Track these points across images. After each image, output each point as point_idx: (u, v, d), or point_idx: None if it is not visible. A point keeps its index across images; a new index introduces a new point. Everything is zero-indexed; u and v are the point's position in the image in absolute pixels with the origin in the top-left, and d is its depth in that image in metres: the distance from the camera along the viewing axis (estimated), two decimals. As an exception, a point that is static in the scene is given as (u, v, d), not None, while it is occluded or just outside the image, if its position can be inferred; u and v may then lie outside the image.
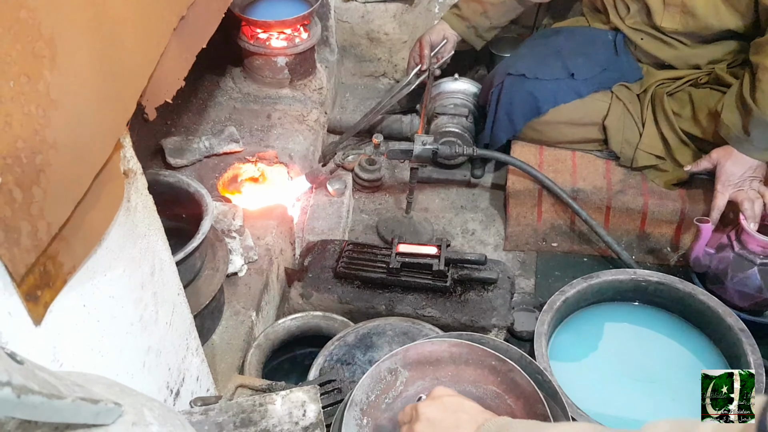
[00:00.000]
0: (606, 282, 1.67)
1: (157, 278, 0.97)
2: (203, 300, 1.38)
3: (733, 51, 1.90)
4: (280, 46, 2.20)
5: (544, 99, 1.94)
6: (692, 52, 1.93)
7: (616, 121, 1.94)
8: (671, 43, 1.95)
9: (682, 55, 1.95)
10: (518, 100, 1.96)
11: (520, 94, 1.96)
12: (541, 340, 1.52)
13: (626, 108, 1.94)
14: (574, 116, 1.96)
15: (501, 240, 2.09)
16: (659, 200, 1.91)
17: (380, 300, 1.66)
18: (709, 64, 1.92)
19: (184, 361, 1.10)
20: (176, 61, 0.97)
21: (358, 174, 2.20)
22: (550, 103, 1.95)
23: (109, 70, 0.74)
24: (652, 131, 1.92)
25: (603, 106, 1.95)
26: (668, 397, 1.54)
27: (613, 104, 1.95)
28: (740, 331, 1.53)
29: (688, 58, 1.95)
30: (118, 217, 0.82)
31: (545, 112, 1.96)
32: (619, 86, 1.97)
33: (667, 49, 1.96)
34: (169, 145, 1.97)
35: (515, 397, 1.05)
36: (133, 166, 0.86)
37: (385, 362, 1.08)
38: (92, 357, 0.82)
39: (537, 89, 1.94)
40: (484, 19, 2.16)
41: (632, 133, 1.94)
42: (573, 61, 1.97)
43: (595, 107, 1.96)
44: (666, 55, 1.97)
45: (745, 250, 1.70)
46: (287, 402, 0.99)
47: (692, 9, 1.84)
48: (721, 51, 1.91)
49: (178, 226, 1.43)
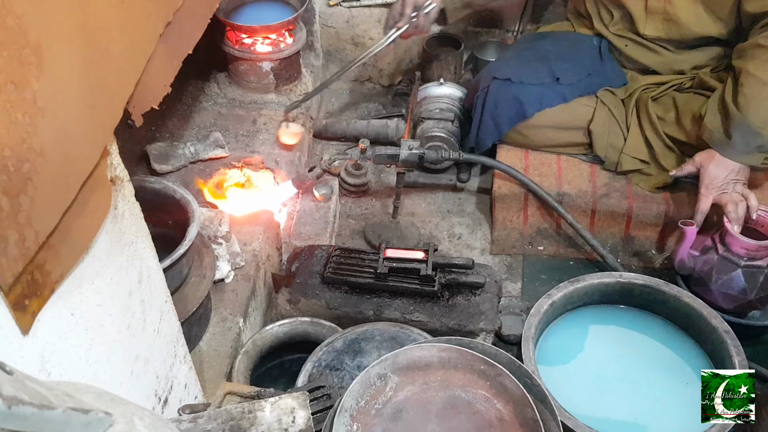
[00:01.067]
0: (592, 285, 1.68)
1: (145, 285, 0.96)
2: (190, 307, 1.38)
3: (716, 56, 1.92)
4: (265, 51, 2.20)
5: (529, 103, 1.95)
6: (676, 57, 1.95)
7: (601, 125, 1.96)
8: (655, 49, 1.97)
9: (665, 61, 1.97)
10: (504, 104, 1.97)
11: (506, 99, 1.97)
12: (528, 343, 1.52)
13: (611, 113, 1.96)
14: (559, 120, 1.97)
15: (487, 244, 2.10)
16: (644, 203, 1.93)
17: (368, 305, 1.66)
18: (693, 70, 1.94)
19: (172, 369, 1.09)
20: (163, 67, 0.97)
21: (345, 179, 2.20)
22: (535, 108, 1.96)
23: (96, 77, 0.74)
24: (636, 136, 1.94)
25: (588, 110, 1.97)
26: (655, 398, 1.55)
27: (598, 109, 1.96)
28: (725, 332, 1.54)
29: (671, 64, 1.97)
30: (105, 225, 0.81)
31: (530, 117, 1.97)
32: (604, 91, 1.99)
33: (650, 55, 1.98)
34: (154, 151, 1.96)
35: (505, 401, 1.05)
36: (120, 173, 0.86)
37: (374, 368, 1.08)
38: (80, 366, 0.81)
39: (522, 93, 1.95)
40: None
41: (617, 138, 1.95)
42: (558, 66, 1.98)
43: (580, 112, 1.97)
44: (650, 61, 1.99)
45: (729, 252, 1.71)
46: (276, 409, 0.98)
47: (674, 17, 1.87)
48: (704, 56, 1.93)
49: (165, 232, 1.42)
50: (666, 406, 1.53)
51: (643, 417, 1.53)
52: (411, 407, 1.08)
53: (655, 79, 1.98)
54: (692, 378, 1.58)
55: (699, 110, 1.79)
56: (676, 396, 1.55)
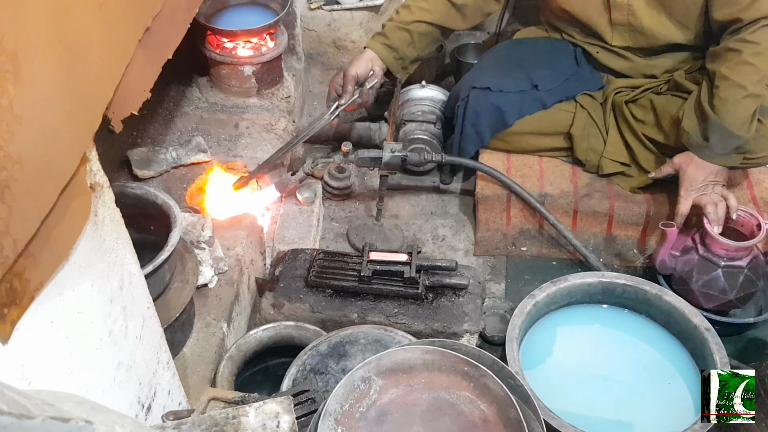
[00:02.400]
0: (575, 285, 1.69)
1: (126, 292, 0.96)
2: (173, 312, 1.37)
3: (686, 59, 1.94)
4: (246, 55, 2.20)
5: (509, 111, 1.96)
6: (646, 63, 1.97)
7: (581, 130, 1.97)
8: (625, 56, 1.99)
9: (636, 67, 1.99)
10: (484, 113, 1.98)
11: (486, 107, 1.97)
12: (512, 344, 1.53)
13: (590, 116, 1.97)
14: (539, 127, 1.99)
15: (471, 245, 2.11)
16: (625, 203, 1.95)
17: (352, 308, 1.66)
18: (665, 73, 1.96)
19: (155, 375, 1.09)
20: (142, 72, 0.97)
21: (328, 182, 2.20)
22: (515, 115, 1.97)
23: (74, 83, 0.74)
24: (616, 139, 1.96)
25: (568, 115, 1.98)
26: (638, 396, 1.56)
27: (578, 113, 1.98)
28: (706, 330, 1.56)
29: (642, 69, 1.98)
30: (85, 232, 0.81)
31: (511, 125, 1.98)
32: (583, 95, 2.00)
33: (621, 61, 2.00)
34: (136, 156, 1.95)
35: (488, 403, 1.05)
36: (99, 180, 0.85)
37: (358, 371, 1.08)
38: (61, 374, 0.80)
39: (502, 102, 1.96)
40: (411, 49, 2.02)
41: (597, 141, 1.97)
42: (536, 73, 1.99)
43: (560, 117, 1.99)
44: (620, 66, 2.01)
45: (709, 252, 1.73)
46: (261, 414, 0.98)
47: (639, 27, 1.89)
48: (674, 60, 1.95)
49: (147, 238, 1.42)
50: (649, 404, 1.55)
51: (627, 415, 1.54)
52: (395, 410, 1.08)
53: (629, 82, 2.00)
54: (675, 376, 1.59)
55: (676, 113, 1.81)
56: (659, 394, 1.56)
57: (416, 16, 1.97)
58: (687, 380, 1.57)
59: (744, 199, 1.91)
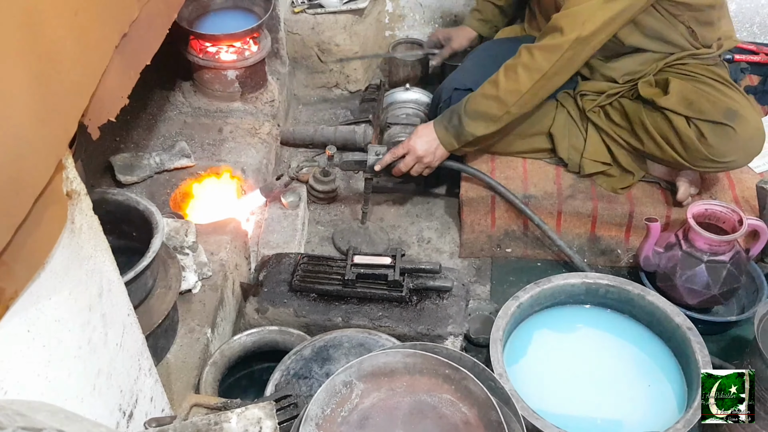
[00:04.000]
0: (558, 286, 1.70)
1: (106, 299, 0.95)
2: (156, 319, 1.37)
3: (646, 61, 1.91)
4: (229, 60, 2.19)
5: None
6: (605, 65, 1.96)
7: (561, 128, 1.98)
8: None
9: (595, 67, 1.98)
10: None
11: None
12: (496, 345, 1.54)
13: (569, 114, 1.98)
14: (522, 127, 1.99)
15: (456, 247, 2.11)
16: (608, 204, 1.96)
17: (336, 312, 1.66)
18: (625, 76, 1.93)
19: (136, 383, 1.08)
20: (119, 78, 0.96)
21: (313, 186, 2.20)
22: None
23: (47, 90, 0.73)
24: (595, 140, 1.97)
25: (548, 115, 1.99)
26: (622, 396, 1.57)
27: (558, 112, 1.99)
28: (688, 329, 1.57)
29: (602, 71, 1.97)
30: (61, 240, 0.81)
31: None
32: (563, 94, 2.01)
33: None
34: (119, 162, 1.94)
35: (470, 405, 1.06)
36: (76, 187, 0.85)
37: (339, 375, 1.08)
38: (38, 383, 0.80)
39: None
40: (501, 16, 2.33)
41: (577, 140, 1.98)
42: None
43: (541, 116, 1.99)
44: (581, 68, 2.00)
45: (692, 248, 1.75)
46: (243, 419, 0.98)
47: None
48: (633, 63, 1.92)
49: (129, 244, 1.41)
50: (633, 403, 1.56)
51: (611, 414, 1.55)
52: (377, 414, 1.08)
53: (593, 86, 1.98)
54: (658, 375, 1.60)
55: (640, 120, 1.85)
56: (642, 393, 1.57)
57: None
58: (670, 379, 1.58)
59: (726, 199, 1.93)
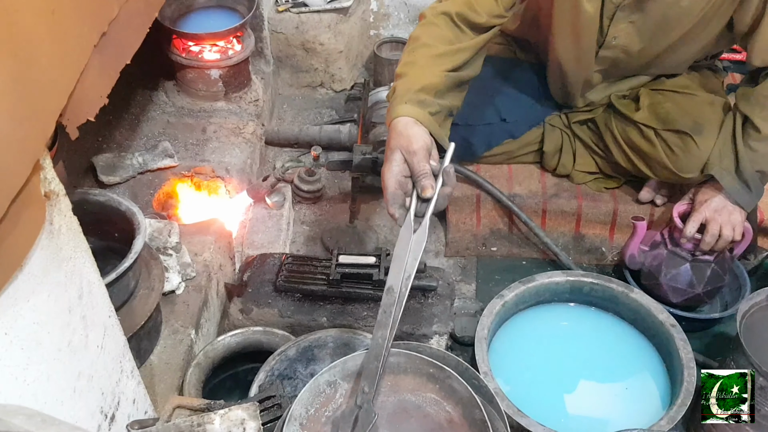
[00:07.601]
0: (542, 285, 1.70)
1: (86, 301, 0.94)
2: (138, 320, 1.35)
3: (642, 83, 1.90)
4: (213, 59, 2.18)
5: (477, 143, 1.97)
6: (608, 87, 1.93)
7: (552, 147, 1.98)
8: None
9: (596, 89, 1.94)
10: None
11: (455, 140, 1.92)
12: (481, 344, 1.54)
13: (562, 134, 1.98)
14: (509, 150, 2.01)
15: (442, 246, 2.11)
16: (593, 202, 1.96)
17: (321, 312, 1.65)
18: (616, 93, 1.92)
19: (118, 385, 1.07)
20: (98, 78, 0.95)
21: (298, 186, 2.19)
22: (483, 148, 1.98)
23: (24, 90, 0.72)
24: (582, 152, 1.97)
25: (537, 138, 2.00)
26: (607, 393, 1.58)
27: (547, 132, 1.98)
28: (671, 327, 1.58)
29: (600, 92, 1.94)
30: (39, 241, 0.79)
31: (480, 155, 2.00)
32: (552, 116, 1.99)
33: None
34: (101, 162, 1.92)
35: (454, 403, 1.06)
36: (55, 188, 0.84)
37: (323, 375, 1.08)
38: (17, 386, 0.79)
39: (470, 134, 1.95)
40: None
41: (567, 157, 1.98)
42: (503, 105, 1.96)
43: (530, 139, 2.00)
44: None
45: (677, 247, 1.76)
46: (226, 420, 0.98)
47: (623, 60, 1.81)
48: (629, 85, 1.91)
49: (111, 245, 1.40)
50: (617, 400, 1.57)
51: (596, 412, 1.56)
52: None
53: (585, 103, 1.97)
54: (642, 372, 1.61)
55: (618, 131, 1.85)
56: (627, 390, 1.58)
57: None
58: (654, 376, 1.59)
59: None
